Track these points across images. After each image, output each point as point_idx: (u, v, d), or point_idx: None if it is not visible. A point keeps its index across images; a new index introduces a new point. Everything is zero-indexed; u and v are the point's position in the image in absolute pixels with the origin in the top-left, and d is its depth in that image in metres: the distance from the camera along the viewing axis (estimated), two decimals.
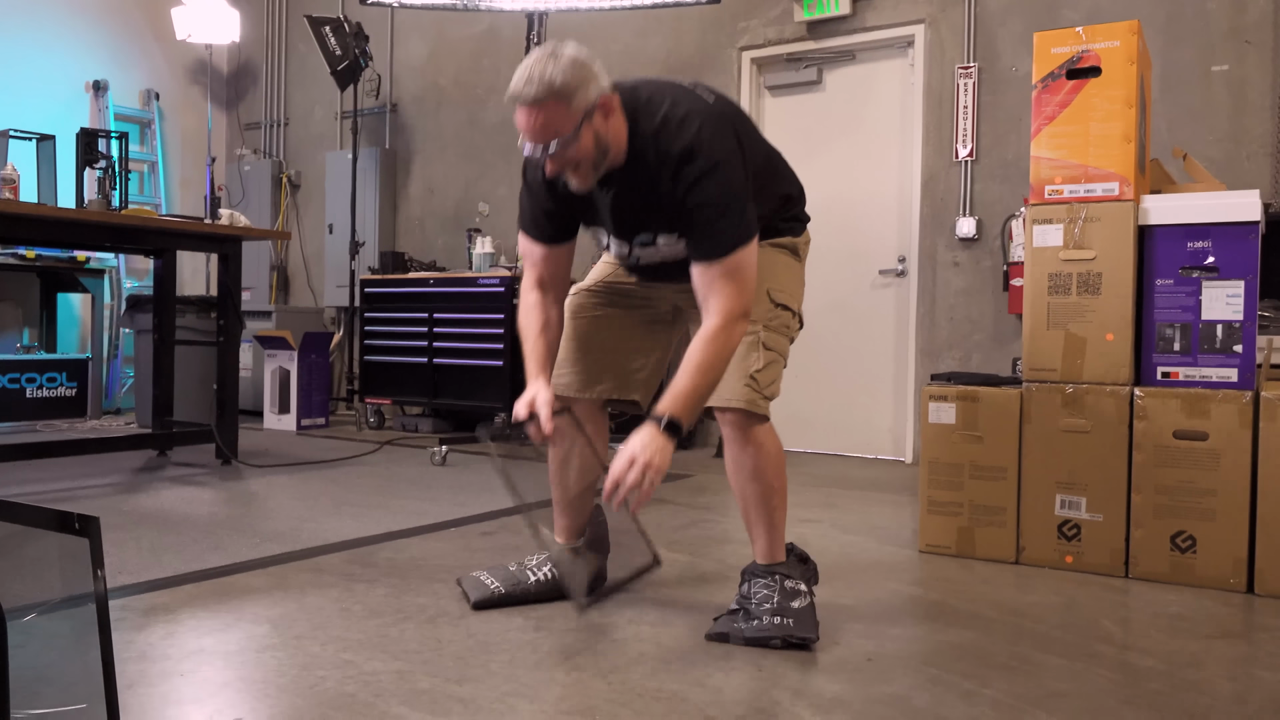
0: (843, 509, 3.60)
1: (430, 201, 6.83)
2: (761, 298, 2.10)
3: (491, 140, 6.50)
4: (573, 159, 1.94)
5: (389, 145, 6.98)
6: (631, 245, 2.14)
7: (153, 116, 7.31)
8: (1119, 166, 2.77)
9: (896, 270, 5.10)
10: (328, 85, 6.92)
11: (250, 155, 7.70)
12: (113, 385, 6.79)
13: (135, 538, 2.89)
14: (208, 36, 6.84)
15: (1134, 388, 2.72)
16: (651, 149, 1.98)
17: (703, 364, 1.93)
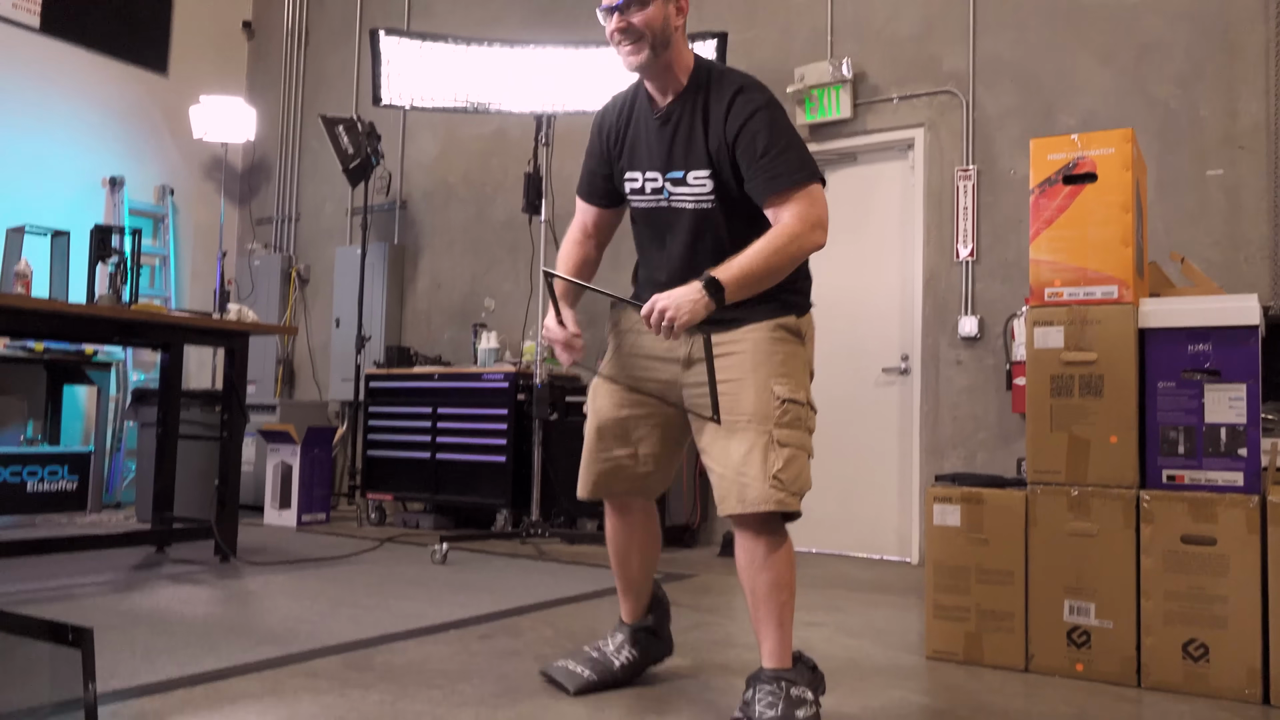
0: (847, 612, 3.55)
1: (437, 296, 6.90)
2: (765, 396, 2.13)
3: (499, 236, 6.60)
4: (638, 27, 2.16)
5: (398, 240, 7.09)
6: (664, 179, 2.28)
7: (166, 211, 7.44)
8: (1117, 270, 2.80)
9: (900, 368, 5.11)
10: (339, 182, 7.06)
11: (261, 249, 7.82)
12: (114, 478, 6.77)
13: (129, 639, 2.84)
14: (224, 135, 7.01)
15: (1140, 491, 2.70)
16: (716, 82, 2.22)
17: (766, 248, 2.07)
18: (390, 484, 5.98)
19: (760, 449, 2.10)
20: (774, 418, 2.13)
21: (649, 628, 2.54)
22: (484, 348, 6.01)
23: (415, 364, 6.22)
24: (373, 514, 6.03)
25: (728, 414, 2.15)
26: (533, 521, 4.94)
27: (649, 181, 2.32)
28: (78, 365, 6.28)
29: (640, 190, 2.35)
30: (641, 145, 2.33)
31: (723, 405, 2.15)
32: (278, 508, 5.93)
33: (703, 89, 2.23)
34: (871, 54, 5.23)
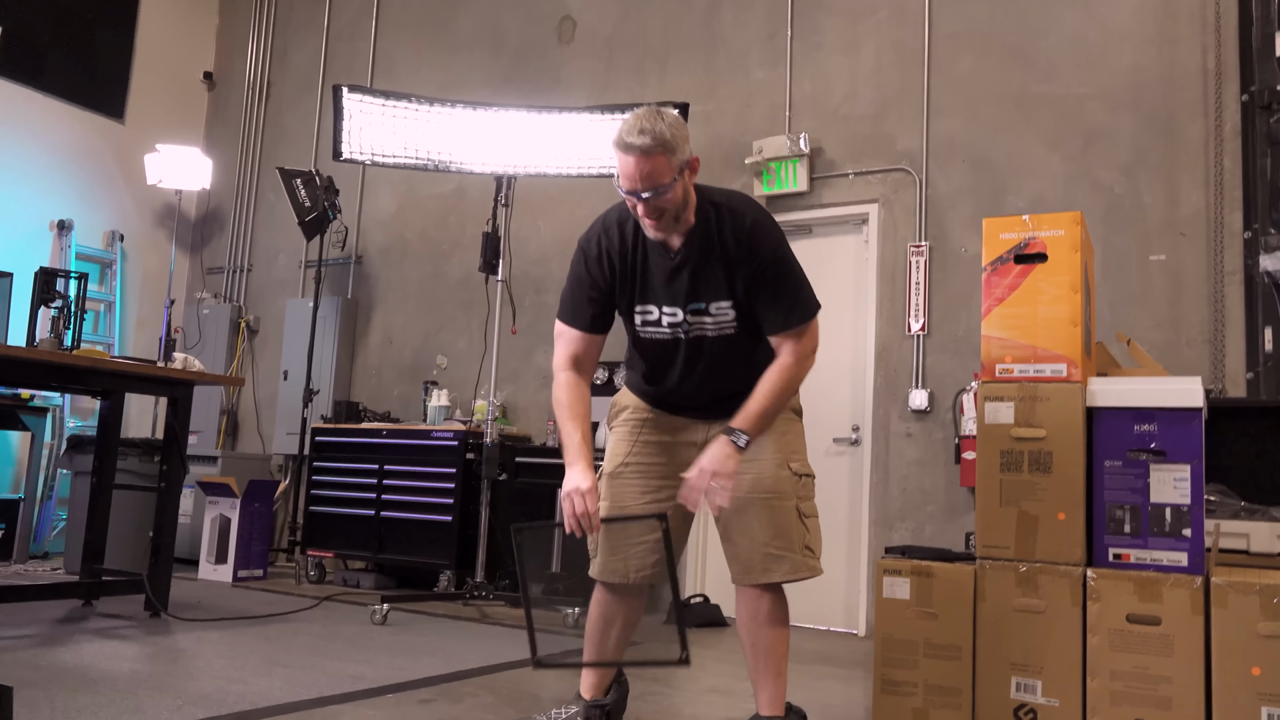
0: (794, 685, 3.50)
1: (388, 351, 6.83)
2: (785, 474, 2.35)
3: (454, 294, 6.58)
4: (661, 207, 2.19)
5: (351, 295, 7.03)
6: (685, 312, 2.32)
7: (115, 257, 7.32)
8: (1066, 349, 2.85)
9: (850, 439, 5.14)
10: (294, 234, 7.01)
11: (210, 299, 7.71)
12: (43, 528, 6.54)
13: (49, 696, 2.71)
14: (179, 182, 6.95)
15: (1086, 568, 2.71)
16: (726, 216, 2.27)
17: (774, 391, 2.27)
18: (332, 541, 5.85)
19: (790, 525, 2.34)
20: (797, 493, 2.37)
21: (605, 708, 2.49)
22: (434, 405, 5.95)
23: (364, 419, 6.13)
24: (312, 571, 5.88)
25: (749, 492, 2.33)
26: (477, 583, 4.84)
27: (667, 315, 2.36)
28: (12, 410, 6.09)
29: (656, 322, 2.38)
30: (656, 281, 2.34)
31: (743, 484, 2.31)
32: (213, 562, 5.76)
33: (712, 222, 2.29)
34: (828, 130, 5.35)
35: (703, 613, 4.89)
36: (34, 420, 6.18)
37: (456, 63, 6.82)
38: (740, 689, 3.33)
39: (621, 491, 2.47)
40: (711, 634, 4.63)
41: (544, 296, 6.19)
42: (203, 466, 6.36)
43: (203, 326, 7.52)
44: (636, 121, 2.17)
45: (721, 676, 3.58)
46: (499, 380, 5.84)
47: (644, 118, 2.17)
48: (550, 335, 6.47)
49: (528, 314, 6.15)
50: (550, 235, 6.24)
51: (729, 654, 4.06)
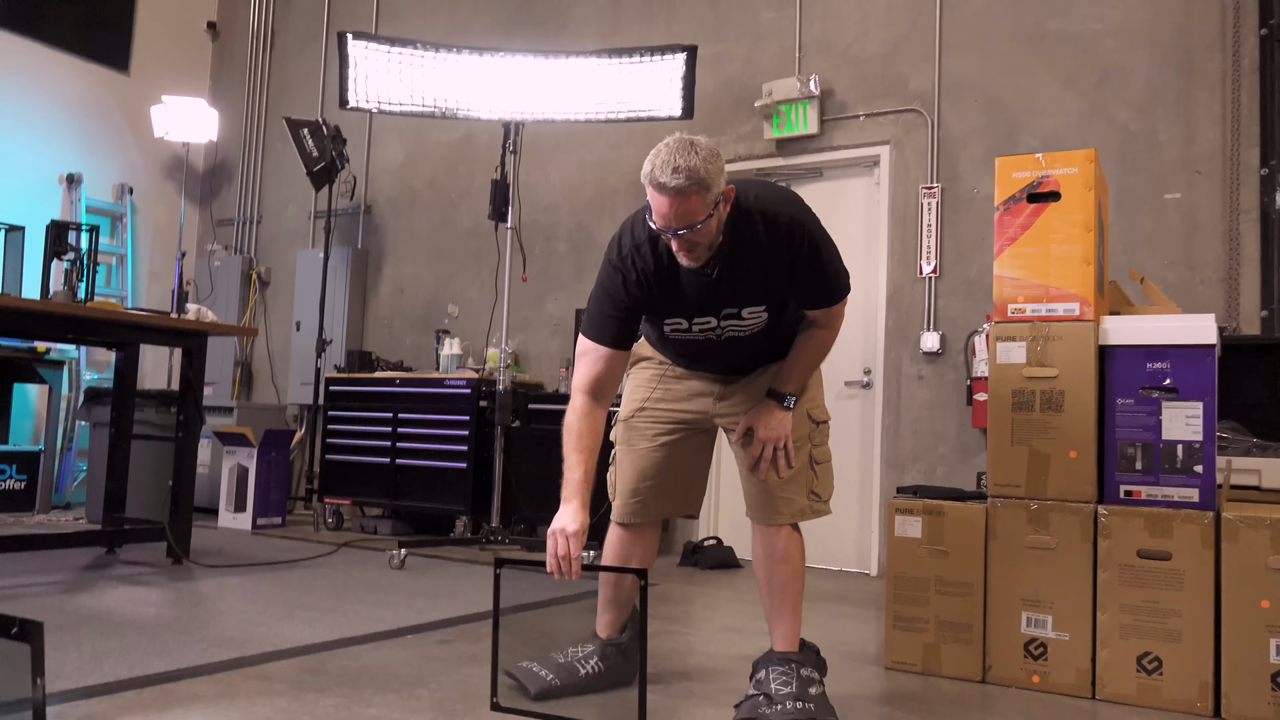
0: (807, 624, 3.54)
1: (400, 301, 6.85)
2: (803, 419, 2.40)
3: (463, 243, 6.57)
4: (695, 241, 2.11)
5: (361, 245, 7.03)
6: (719, 319, 2.30)
7: (125, 210, 7.32)
8: (1079, 287, 2.84)
9: (862, 382, 5.15)
10: (303, 185, 6.99)
11: (221, 251, 7.72)
12: (64, 479, 6.63)
13: (76, 640, 2.78)
14: (186, 134, 6.92)
15: (1098, 505, 2.73)
16: (759, 224, 2.19)
17: (815, 357, 2.38)
18: (348, 489, 5.91)
19: (801, 470, 2.38)
20: (812, 439, 2.41)
21: (620, 646, 2.53)
22: (446, 354, 5.97)
23: (377, 369, 6.16)
24: (330, 519, 5.95)
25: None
26: (492, 528, 4.90)
27: (698, 324, 2.33)
28: (29, 363, 6.14)
29: (686, 330, 2.36)
30: (690, 298, 2.28)
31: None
32: (232, 511, 5.83)
33: (745, 230, 2.19)
34: (839, 72, 5.28)
35: (717, 555, 4.95)
36: (51, 373, 6.24)
37: (462, 7, 6.74)
38: (754, 627, 3.38)
39: (633, 436, 2.50)
40: (725, 575, 4.69)
41: (554, 244, 6.17)
42: (219, 417, 6.42)
43: (214, 279, 7.53)
44: (670, 158, 2.03)
45: (736, 616, 3.64)
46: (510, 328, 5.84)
47: (677, 153, 2.03)
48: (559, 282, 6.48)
49: (538, 262, 6.14)
50: (559, 182, 6.21)
51: (743, 594, 4.11)
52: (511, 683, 2.46)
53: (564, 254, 6.12)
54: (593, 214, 6.06)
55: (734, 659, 2.92)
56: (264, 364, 7.46)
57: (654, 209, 2.09)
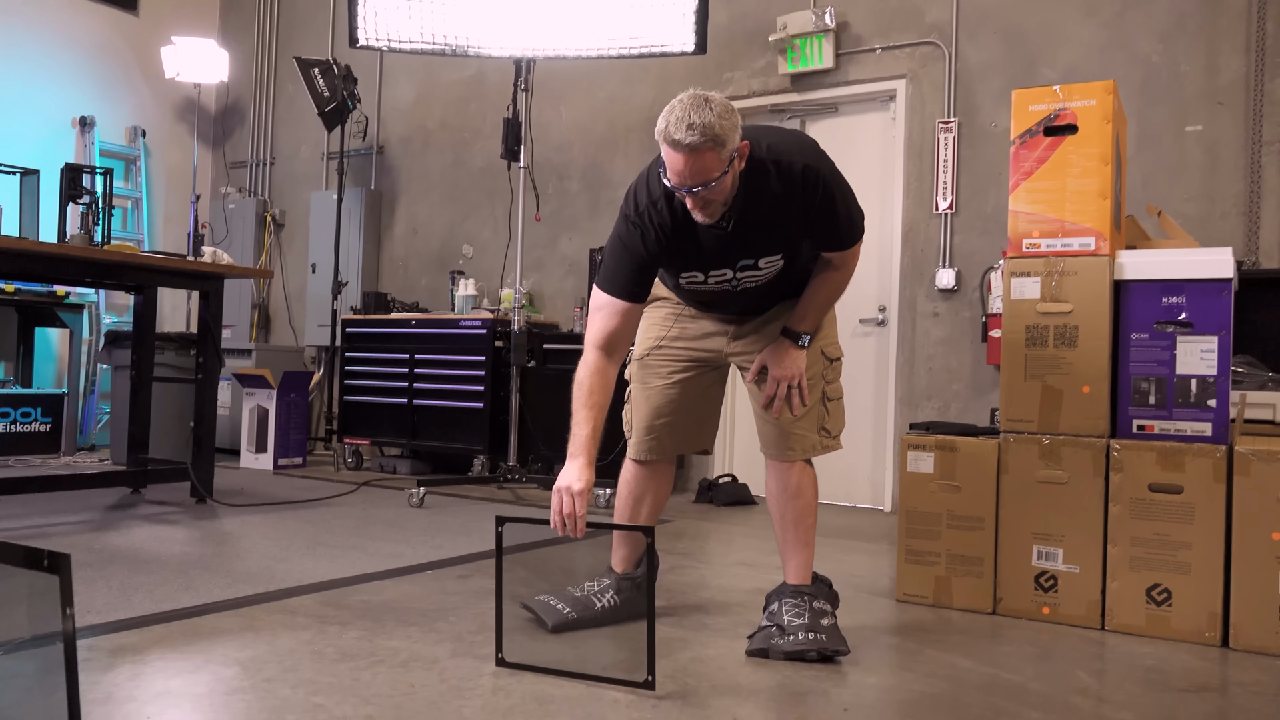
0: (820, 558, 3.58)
1: (414, 242, 6.85)
2: (817, 357, 2.42)
3: (477, 183, 6.55)
4: (710, 198, 2.10)
5: (374, 186, 7.01)
6: (735, 271, 2.31)
7: (138, 153, 7.32)
8: (1095, 222, 2.82)
9: (877, 320, 5.14)
10: (315, 126, 6.96)
11: (235, 193, 7.72)
12: (88, 421, 6.72)
13: (105, 576, 2.85)
14: (196, 76, 6.88)
15: (1110, 440, 2.74)
16: (772, 176, 2.17)
17: (830, 297, 2.39)
18: (367, 429, 5.98)
19: (813, 407, 2.41)
20: (825, 376, 2.44)
21: (635, 580, 2.58)
22: (462, 294, 5.99)
23: (392, 310, 6.20)
24: (349, 459, 6.03)
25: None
26: (510, 467, 4.96)
27: (714, 277, 2.33)
28: (49, 307, 6.20)
29: (702, 283, 2.36)
30: (706, 252, 2.27)
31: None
32: (254, 451, 5.92)
33: (760, 181, 2.17)
34: (854, 3, 5.19)
35: (731, 491, 4.99)
36: (71, 317, 6.30)
37: None
38: (767, 562, 3.43)
39: (648, 374, 2.52)
40: (740, 512, 4.74)
41: (566, 184, 6.14)
42: (238, 360, 6.48)
43: (229, 221, 7.54)
44: (684, 114, 2.01)
45: (750, 551, 3.68)
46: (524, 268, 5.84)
47: (691, 109, 2.01)
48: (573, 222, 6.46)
49: (551, 201, 6.12)
50: (571, 121, 6.16)
51: (757, 530, 4.16)
52: (529, 615, 2.52)
53: (577, 193, 6.09)
54: (606, 152, 6.02)
55: (748, 592, 2.96)
56: (281, 306, 7.50)
57: (669, 166, 2.07)
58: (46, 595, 1.14)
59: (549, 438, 5.38)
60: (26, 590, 1.23)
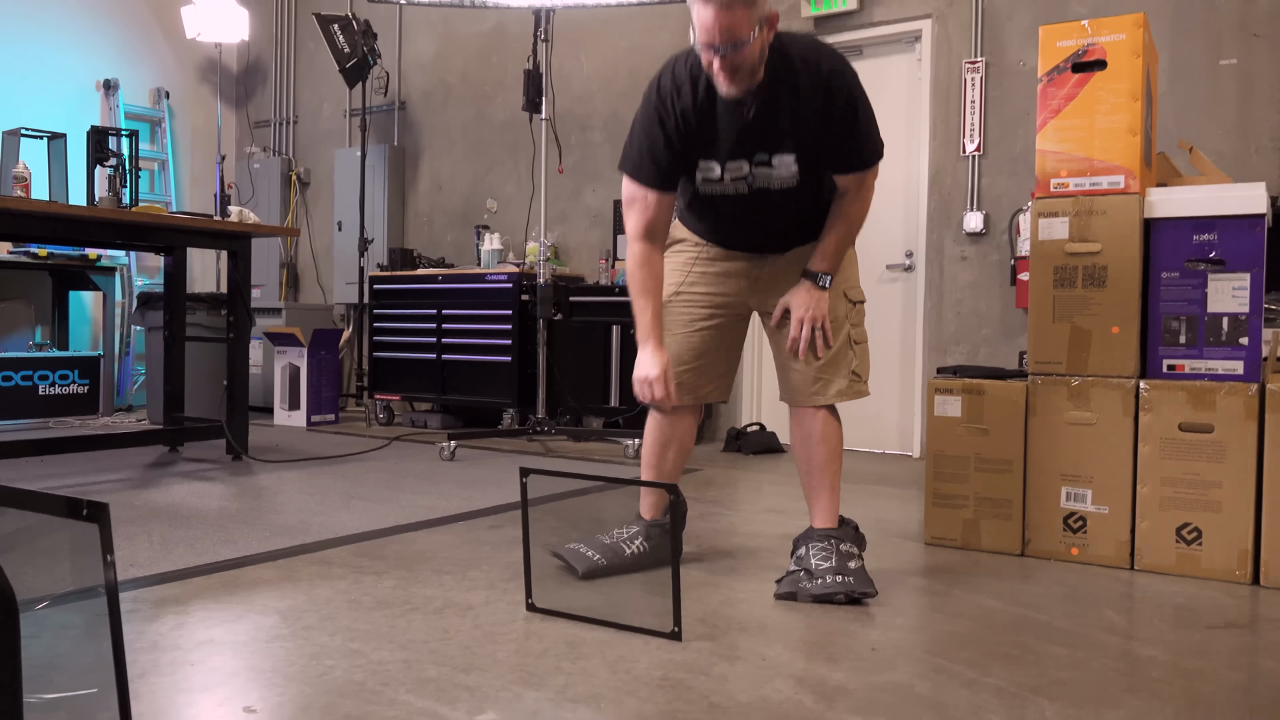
0: (849, 504, 3.61)
1: (438, 198, 6.85)
2: (839, 299, 2.42)
3: (499, 136, 6.52)
4: (738, 63, 2.12)
5: (397, 142, 7.01)
6: (751, 164, 2.31)
7: (163, 115, 7.35)
8: (1124, 159, 2.77)
9: (904, 265, 5.10)
10: (336, 83, 6.96)
11: (259, 153, 7.74)
12: (124, 382, 6.84)
13: (146, 531, 2.91)
14: (217, 35, 6.88)
15: (1139, 380, 2.72)
16: (799, 68, 2.20)
17: (847, 230, 2.38)
18: (397, 385, 6.04)
19: (840, 351, 2.41)
20: (849, 319, 2.43)
21: (664, 527, 2.60)
22: (487, 249, 6.01)
23: (419, 266, 6.22)
24: (381, 414, 6.10)
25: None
26: (539, 419, 5.00)
27: (730, 171, 2.33)
28: (82, 271, 6.28)
29: (718, 179, 2.35)
30: (723, 137, 2.29)
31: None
32: (287, 409, 6.00)
33: (783, 73, 2.21)
34: None
35: (759, 440, 5.01)
36: (104, 280, 6.38)
37: None
38: (796, 508, 3.45)
39: (670, 321, 2.52)
40: (769, 460, 4.76)
41: (589, 135, 6.11)
42: (268, 318, 6.55)
43: (255, 181, 7.58)
44: None
45: (778, 498, 3.71)
46: (549, 221, 5.85)
47: None
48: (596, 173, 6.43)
49: (574, 153, 6.09)
50: (592, 71, 6.11)
51: (786, 478, 4.18)
52: (560, 563, 2.56)
53: (600, 144, 6.06)
54: (628, 103, 5.97)
55: (776, 538, 2.99)
56: (309, 265, 7.55)
57: (699, 25, 2.12)
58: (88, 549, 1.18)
59: (577, 390, 5.42)
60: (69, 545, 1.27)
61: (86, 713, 1.34)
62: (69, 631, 1.74)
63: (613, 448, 4.97)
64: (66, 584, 1.42)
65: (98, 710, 1.21)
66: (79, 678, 1.61)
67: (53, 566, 1.38)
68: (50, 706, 1.39)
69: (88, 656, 1.61)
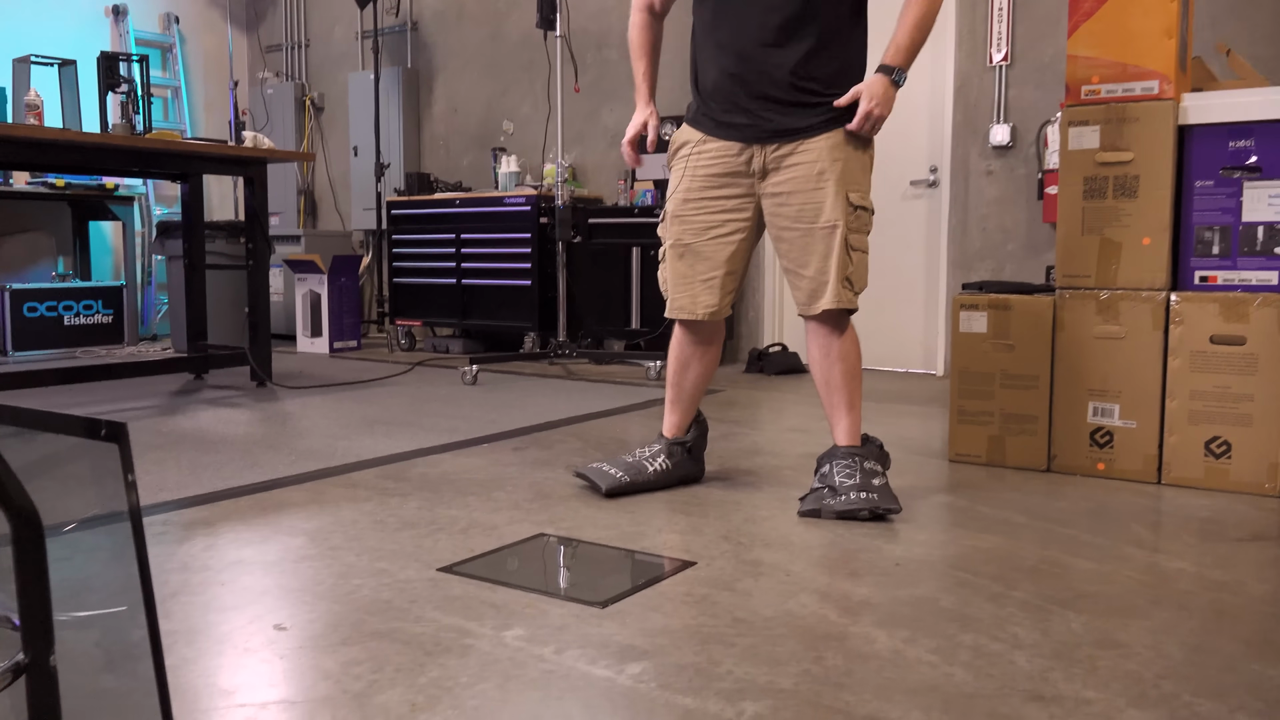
0: (871, 421, 3.60)
1: (454, 120, 6.76)
2: (840, 200, 2.32)
3: (513, 56, 6.40)
4: None
5: (410, 64, 6.90)
6: None
7: (173, 40, 7.25)
8: (1159, 64, 2.68)
9: (928, 180, 5.01)
10: (347, 4, 6.82)
11: (272, 78, 7.64)
12: (148, 311, 6.87)
13: (175, 457, 2.94)
14: None
15: (1170, 292, 2.67)
16: None
17: (918, 20, 2.32)
18: (418, 310, 6.04)
19: (836, 255, 2.33)
20: (848, 224, 2.33)
21: (686, 445, 2.60)
22: (504, 172, 5.94)
23: (436, 190, 6.17)
24: (403, 340, 6.11)
25: (809, 221, 2.35)
26: (560, 343, 4.99)
27: None
28: (100, 200, 6.27)
29: None
30: None
31: (803, 213, 2.35)
32: (309, 336, 6.02)
33: None
34: None
35: (782, 360, 4.99)
36: (122, 210, 6.37)
37: None
38: (818, 428, 3.44)
39: (682, 230, 2.48)
40: (791, 380, 4.74)
41: (605, 52, 5.98)
42: (287, 246, 6.53)
43: (269, 107, 7.50)
44: None
45: (801, 418, 3.70)
46: (566, 142, 5.77)
47: None
48: (614, 92, 6.32)
49: (590, 71, 5.98)
50: None
51: (808, 398, 4.16)
52: (583, 483, 2.57)
53: (617, 62, 5.93)
54: None
55: (799, 457, 2.98)
56: (326, 191, 7.51)
57: None
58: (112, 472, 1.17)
59: (597, 312, 5.39)
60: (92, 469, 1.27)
61: (118, 630, 1.36)
62: (98, 554, 1.76)
63: (634, 370, 4.97)
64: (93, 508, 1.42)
65: (130, 627, 1.23)
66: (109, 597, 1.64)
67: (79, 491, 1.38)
68: (82, 624, 1.41)
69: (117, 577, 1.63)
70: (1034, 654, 1.53)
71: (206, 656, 1.52)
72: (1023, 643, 1.57)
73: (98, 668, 1.46)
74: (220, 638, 1.59)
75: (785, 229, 2.39)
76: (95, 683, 1.39)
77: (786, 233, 2.39)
